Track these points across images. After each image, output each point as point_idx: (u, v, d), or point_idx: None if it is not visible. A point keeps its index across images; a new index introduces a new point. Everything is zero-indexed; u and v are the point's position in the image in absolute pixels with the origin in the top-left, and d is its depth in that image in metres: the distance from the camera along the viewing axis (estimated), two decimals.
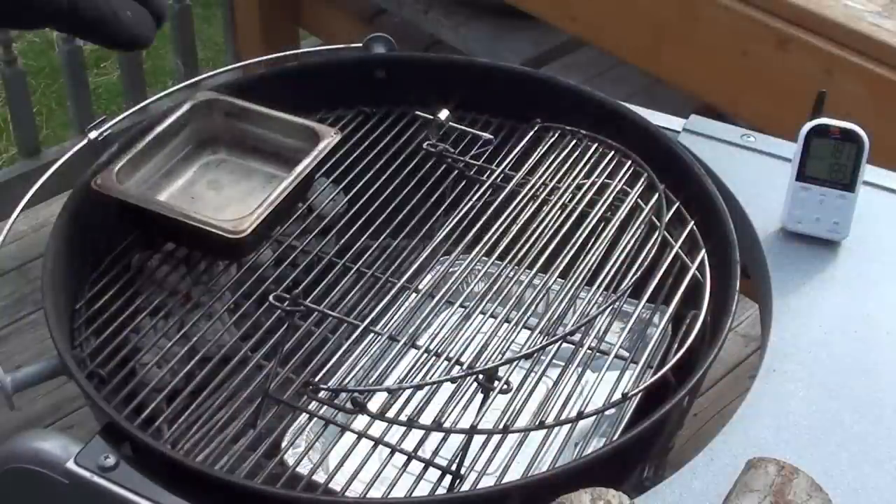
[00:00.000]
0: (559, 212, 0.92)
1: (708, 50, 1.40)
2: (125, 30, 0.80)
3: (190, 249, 0.96)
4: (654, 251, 0.88)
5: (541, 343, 0.82)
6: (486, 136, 1.03)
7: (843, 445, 0.77)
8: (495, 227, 0.90)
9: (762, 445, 0.77)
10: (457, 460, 0.79)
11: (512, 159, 0.99)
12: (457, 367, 0.79)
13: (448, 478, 0.79)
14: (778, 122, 1.20)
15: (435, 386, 0.78)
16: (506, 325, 0.84)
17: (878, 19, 1.25)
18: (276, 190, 0.91)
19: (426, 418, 0.77)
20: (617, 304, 0.86)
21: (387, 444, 0.82)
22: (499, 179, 0.98)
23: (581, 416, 0.79)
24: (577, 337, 0.85)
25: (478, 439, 0.79)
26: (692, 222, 0.94)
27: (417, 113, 1.05)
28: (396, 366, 0.82)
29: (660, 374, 0.81)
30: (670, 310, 0.86)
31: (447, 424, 0.77)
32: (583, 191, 0.94)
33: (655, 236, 0.90)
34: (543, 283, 0.86)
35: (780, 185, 0.95)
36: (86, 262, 0.94)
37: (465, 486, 0.79)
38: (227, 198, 0.98)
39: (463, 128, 1.03)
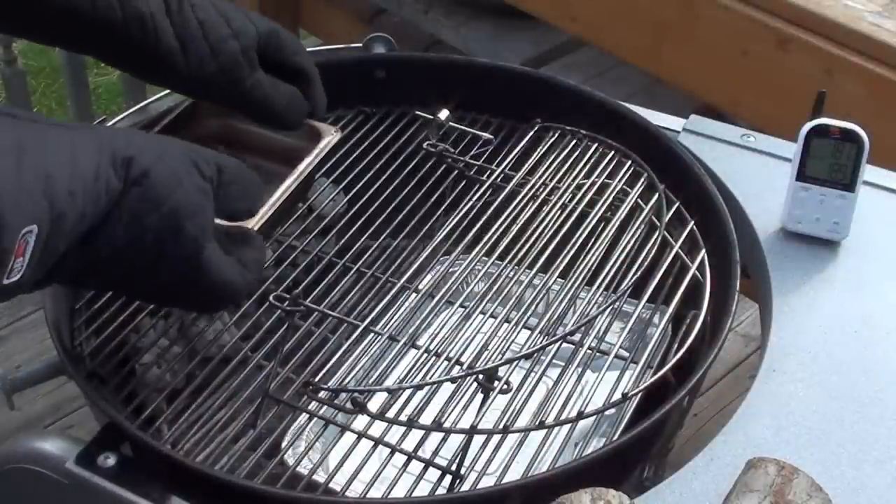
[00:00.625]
0: (559, 212, 0.92)
1: (708, 50, 1.40)
2: (275, 116, 0.85)
3: None
4: (654, 251, 0.88)
5: (541, 343, 0.82)
6: (486, 136, 1.03)
7: (843, 445, 0.77)
8: (495, 227, 0.90)
9: (762, 445, 0.77)
10: (457, 460, 0.79)
11: (512, 159, 0.99)
12: (457, 367, 0.79)
13: (448, 478, 0.79)
14: (778, 122, 1.20)
15: (435, 386, 0.78)
16: (506, 325, 0.84)
17: (878, 19, 1.25)
18: (279, 189, 0.91)
19: (426, 418, 0.77)
20: (617, 304, 0.86)
21: (387, 444, 0.82)
22: (499, 179, 0.98)
23: (581, 416, 0.79)
24: (577, 337, 0.85)
25: (478, 439, 0.79)
26: (692, 222, 0.94)
27: (417, 113, 1.05)
28: (396, 366, 0.82)
29: (660, 374, 0.81)
30: (670, 310, 0.86)
31: (447, 424, 0.77)
32: (583, 191, 0.94)
33: (655, 236, 0.90)
34: (543, 283, 0.86)
35: (780, 185, 0.95)
36: None
37: (465, 486, 0.79)
38: None
39: (463, 128, 1.03)
